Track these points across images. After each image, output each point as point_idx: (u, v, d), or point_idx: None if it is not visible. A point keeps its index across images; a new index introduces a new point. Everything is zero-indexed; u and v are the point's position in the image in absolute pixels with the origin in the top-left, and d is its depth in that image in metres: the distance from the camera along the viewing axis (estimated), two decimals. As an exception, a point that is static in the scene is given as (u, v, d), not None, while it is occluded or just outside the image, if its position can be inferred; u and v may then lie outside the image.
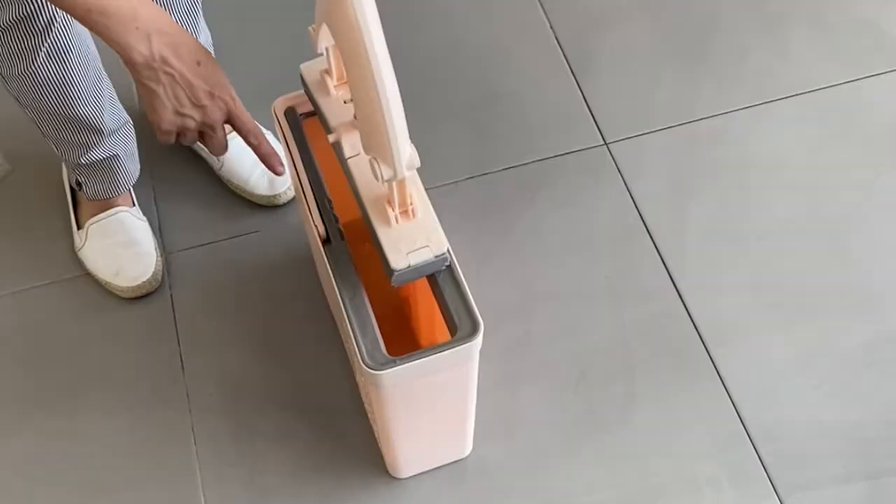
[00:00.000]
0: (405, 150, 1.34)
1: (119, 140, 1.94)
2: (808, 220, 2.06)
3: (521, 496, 1.80)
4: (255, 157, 2.02)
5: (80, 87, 1.77)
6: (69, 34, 1.69)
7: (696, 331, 1.94)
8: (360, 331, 1.44)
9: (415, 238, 1.42)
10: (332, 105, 1.52)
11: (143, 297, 1.99)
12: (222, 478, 1.82)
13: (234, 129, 1.47)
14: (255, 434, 1.86)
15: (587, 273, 2.01)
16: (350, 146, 1.47)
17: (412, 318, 1.85)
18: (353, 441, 1.84)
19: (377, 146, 1.33)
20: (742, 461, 1.81)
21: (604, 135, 2.18)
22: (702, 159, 2.15)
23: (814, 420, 1.85)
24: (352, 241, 1.53)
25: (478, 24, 2.37)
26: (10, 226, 2.11)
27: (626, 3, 2.39)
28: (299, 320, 1.97)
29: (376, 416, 1.62)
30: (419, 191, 1.45)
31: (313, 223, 1.53)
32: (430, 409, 1.61)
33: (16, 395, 1.92)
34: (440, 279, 1.46)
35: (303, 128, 1.62)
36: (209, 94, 1.38)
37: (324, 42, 1.46)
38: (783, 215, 2.07)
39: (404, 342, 1.83)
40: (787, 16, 2.36)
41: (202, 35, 1.96)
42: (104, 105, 1.85)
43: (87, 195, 2.00)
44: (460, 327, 1.44)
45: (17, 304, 2.01)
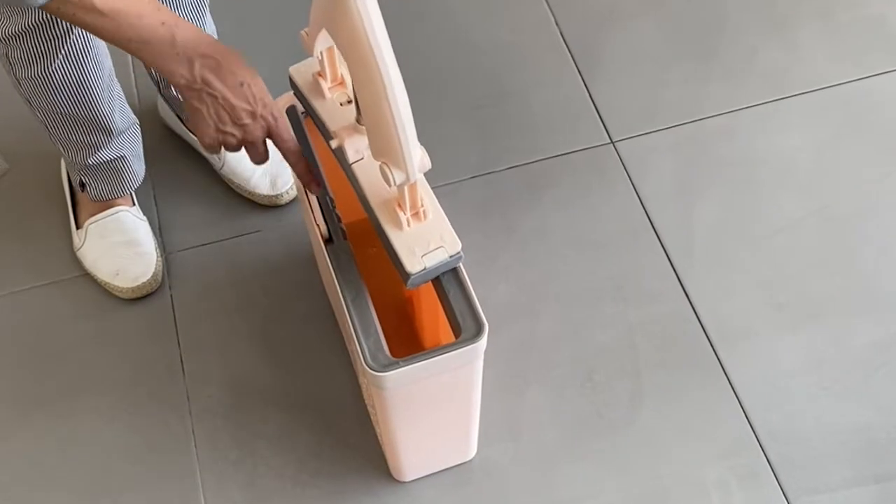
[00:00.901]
0: (416, 154, 1.35)
1: (126, 140, 1.94)
2: (818, 220, 2.06)
3: (527, 499, 1.79)
4: None
5: (95, 89, 1.77)
6: (87, 39, 1.69)
7: (704, 331, 1.93)
8: (362, 332, 1.44)
9: (428, 240, 1.43)
10: (329, 108, 1.53)
11: (142, 298, 2.00)
12: (223, 480, 1.82)
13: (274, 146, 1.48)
14: (256, 436, 1.86)
15: (593, 273, 2.01)
16: (353, 151, 1.47)
17: (416, 319, 1.85)
18: (355, 444, 1.84)
19: (388, 151, 1.34)
20: (750, 464, 1.81)
21: (610, 133, 2.18)
22: (709, 158, 2.15)
23: (823, 422, 1.84)
24: (354, 240, 1.53)
25: (482, 20, 2.37)
26: (7, 225, 2.11)
27: (632, -1, 2.40)
28: (301, 321, 1.97)
29: (379, 419, 1.62)
30: (428, 192, 1.45)
31: (315, 223, 1.53)
32: (434, 412, 1.61)
33: (14, 397, 1.92)
34: (444, 279, 1.46)
35: (304, 126, 1.61)
36: (251, 113, 1.40)
37: (319, 46, 1.46)
38: (792, 215, 2.07)
39: (408, 343, 1.83)
40: (796, 13, 2.36)
41: (209, 29, 1.96)
42: (115, 106, 1.85)
43: (90, 196, 2.00)
44: (464, 328, 1.44)
45: (16, 304, 2.01)
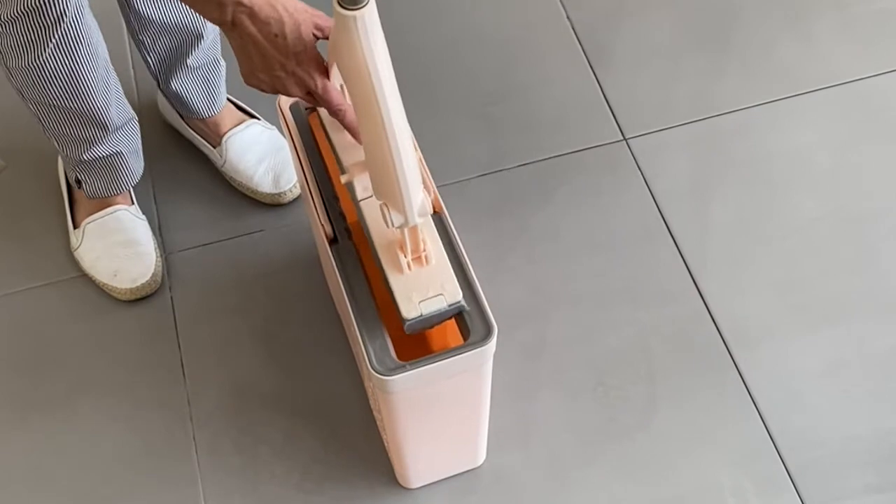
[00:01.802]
0: (417, 197, 1.35)
1: (123, 136, 1.94)
2: (836, 219, 2.05)
3: (537, 507, 1.79)
4: (259, 153, 2.04)
5: (88, 80, 1.77)
6: (80, 26, 1.69)
7: (720, 334, 1.93)
8: (368, 334, 1.44)
9: (428, 286, 1.42)
10: (346, 142, 1.53)
11: (142, 299, 1.99)
12: (225, 488, 1.82)
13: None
14: (259, 442, 1.85)
15: (605, 274, 2.00)
16: (362, 188, 1.47)
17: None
18: (361, 449, 1.84)
19: (388, 193, 1.35)
20: (768, 470, 1.80)
21: (623, 130, 2.18)
22: (725, 155, 2.14)
23: (843, 427, 1.84)
24: (360, 241, 1.53)
25: (491, 14, 2.37)
26: (3, 224, 2.11)
27: (646, -8, 2.40)
28: (305, 323, 1.97)
29: (385, 424, 1.61)
30: (433, 236, 1.46)
31: (319, 222, 1.53)
32: (442, 417, 1.60)
33: (9, 402, 1.91)
34: None
35: (308, 123, 1.62)
36: (283, 66, 1.38)
37: (337, 79, 1.46)
38: (810, 213, 2.06)
39: (415, 346, 1.82)
40: (813, 7, 2.35)
41: (210, 24, 1.94)
42: (111, 100, 1.85)
43: (86, 193, 2.00)
44: (473, 331, 1.43)
45: (11, 305, 2.01)
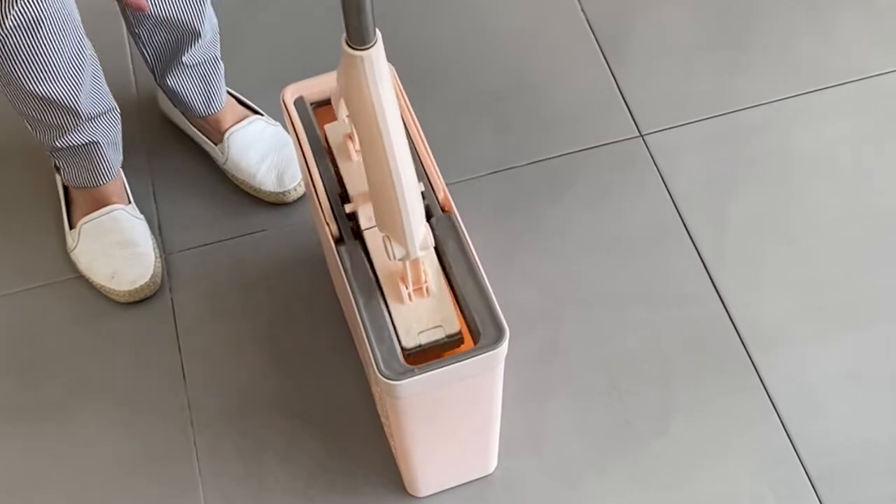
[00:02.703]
0: (419, 231, 1.41)
1: (101, 126, 1.92)
2: (859, 218, 2.05)
3: (550, 516, 1.79)
4: (262, 150, 2.04)
5: (53, 63, 1.75)
6: (39, 6, 1.66)
7: (739, 337, 1.92)
8: (375, 337, 1.45)
9: (427, 317, 1.47)
10: (353, 171, 1.58)
11: (141, 302, 1.99)
12: (227, 495, 1.81)
13: None
14: (262, 448, 1.85)
15: (620, 275, 2.00)
16: (367, 218, 1.52)
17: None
18: (368, 456, 1.83)
19: (390, 226, 1.41)
20: (788, 478, 1.79)
21: (639, 126, 2.18)
22: (744, 152, 2.14)
23: (867, 434, 1.83)
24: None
25: (503, 6, 2.37)
26: (-2, 224, 2.12)
27: (662, -16, 2.40)
28: (310, 326, 1.96)
29: (393, 430, 1.61)
30: (434, 268, 1.50)
31: (325, 221, 1.53)
32: (452, 422, 1.60)
33: (4, 406, 1.91)
34: (461, 282, 1.47)
35: (314, 118, 1.63)
36: None
37: (344, 111, 1.51)
38: (832, 213, 2.05)
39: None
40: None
41: (208, 22, 1.95)
42: (82, 86, 1.82)
43: (64, 180, 2.00)
44: (484, 334, 1.44)
45: (6, 307, 2.01)
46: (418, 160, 1.57)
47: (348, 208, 1.53)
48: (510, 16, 2.35)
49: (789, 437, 1.82)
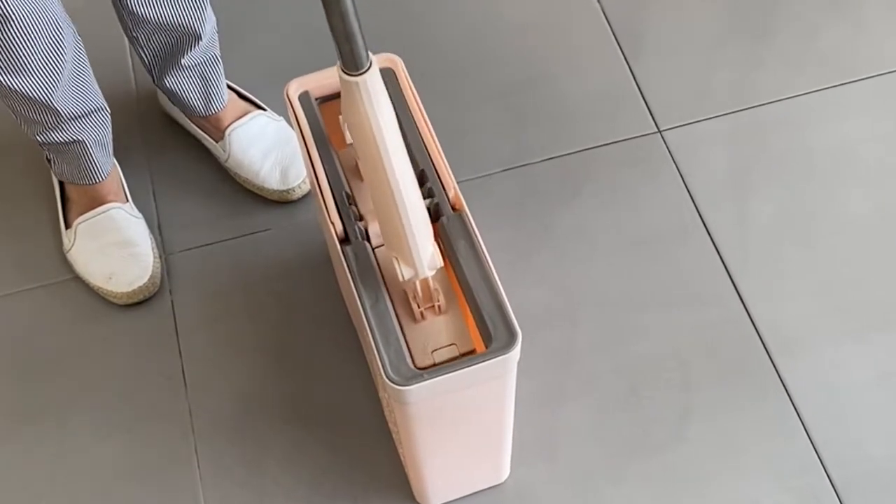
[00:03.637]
0: (426, 251, 1.44)
1: (86, 126, 1.91)
2: (885, 216, 2.04)
3: (565, 526, 1.78)
4: (265, 146, 2.03)
5: (24, 57, 1.73)
6: (7, 2, 1.65)
7: (761, 340, 1.92)
8: (382, 340, 1.44)
9: (440, 336, 1.48)
10: (364, 191, 1.60)
11: (140, 303, 2.00)
12: (228, 501, 1.81)
13: None
14: (264, 455, 1.85)
15: (637, 275, 2.00)
16: (377, 235, 1.54)
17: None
18: (375, 464, 1.83)
19: (397, 246, 1.44)
20: (812, 486, 1.79)
21: (657, 121, 2.17)
22: (766, 148, 2.14)
23: (893, 440, 1.82)
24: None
25: (516, -2, 2.38)
26: (-7, 223, 2.12)
27: (681, -25, 2.40)
28: (315, 328, 1.96)
29: (402, 437, 1.60)
30: (445, 284, 1.51)
31: (330, 220, 1.53)
32: (463, 429, 1.59)
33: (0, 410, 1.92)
34: (473, 282, 1.46)
35: (319, 114, 1.64)
36: None
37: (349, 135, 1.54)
38: (857, 210, 2.05)
39: (432, 353, 1.83)
40: (860, -12, 2.36)
41: (208, 23, 1.94)
42: (58, 83, 1.80)
43: (56, 174, 2.01)
44: (496, 337, 1.43)
45: (1, 309, 2.01)
46: (428, 157, 1.57)
47: (359, 226, 1.54)
48: (523, 6, 2.35)
49: (813, 443, 1.82)
